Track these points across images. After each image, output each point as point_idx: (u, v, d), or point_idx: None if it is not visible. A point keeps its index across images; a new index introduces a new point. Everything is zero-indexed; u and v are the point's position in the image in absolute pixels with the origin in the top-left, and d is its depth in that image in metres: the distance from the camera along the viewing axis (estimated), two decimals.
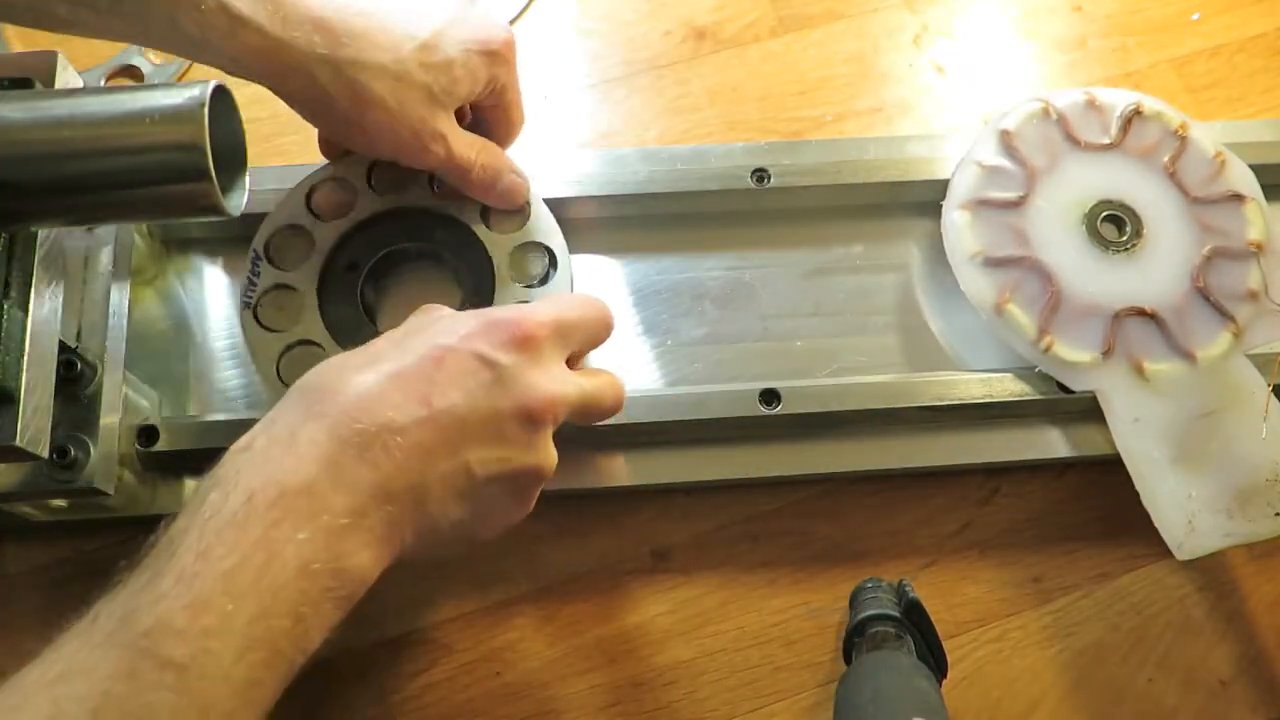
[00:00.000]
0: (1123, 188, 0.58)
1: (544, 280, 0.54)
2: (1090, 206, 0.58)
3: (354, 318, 0.53)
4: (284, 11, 0.45)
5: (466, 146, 0.52)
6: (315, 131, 0.53)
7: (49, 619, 0.52)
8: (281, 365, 0.51)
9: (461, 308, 0.47)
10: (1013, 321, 0.55)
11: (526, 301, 0.52)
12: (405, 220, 0.55)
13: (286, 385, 0.47)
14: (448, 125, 0.51)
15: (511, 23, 0.68)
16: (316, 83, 0.47)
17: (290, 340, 0.52)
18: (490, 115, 0.55)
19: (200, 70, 0.66)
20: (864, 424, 0.55)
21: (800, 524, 0.56)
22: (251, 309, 0.53)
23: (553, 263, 0.54)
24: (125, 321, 0.51)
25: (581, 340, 0.46)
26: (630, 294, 0.59)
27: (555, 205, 0.56)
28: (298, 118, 0.64)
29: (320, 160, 0.56)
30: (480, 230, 0.54)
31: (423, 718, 0.51)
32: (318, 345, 0.52)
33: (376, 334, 0.44)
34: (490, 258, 0.54)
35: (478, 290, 0.53)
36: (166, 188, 0.38)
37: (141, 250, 0.56)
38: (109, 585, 0.35)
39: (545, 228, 0.55)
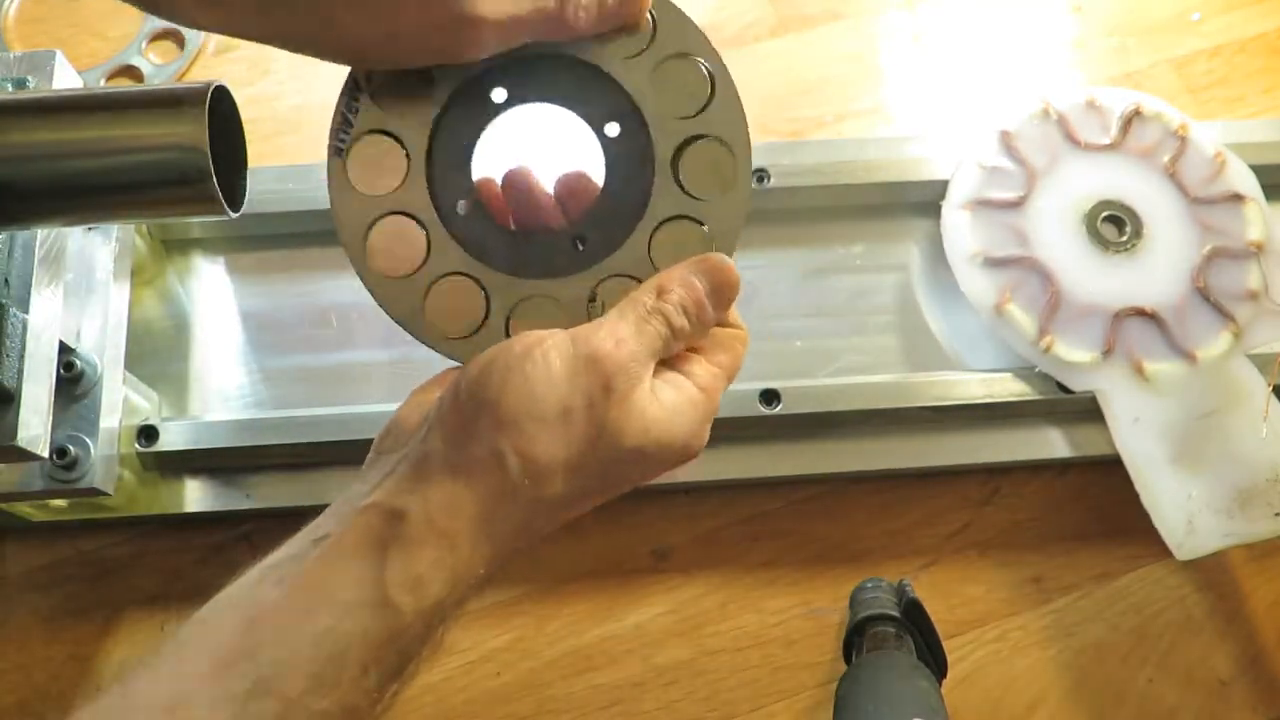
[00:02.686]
0: (1123, 188, 0.58)
1: (705, 108, 0.40)
2: (1090, 206, 0.58)
3: (465, 187, 0.41)
4: None
5: None
6: (314, 132, 0.52)
7: (49, 619, 0.52)
8: (371, 235, 0.41)
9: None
10: (1013, 321, 0.55)
11: (696, 137, 0.40)
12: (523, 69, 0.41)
13: (368, 264, 0.40)
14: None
15: None
16: None
17: (383, 210, 0.41)
18: None
19: (200, 70, 0.66)
20: (864, 424, 0.55)
21: (800, 524, 0.56)
22: (342, 156, 0.41)
23: (712, 78, 0.40)
24: (125, 321, 0.51)
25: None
26: None
27: None
28: (298, 118, 0.65)
29: None
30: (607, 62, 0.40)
31: (422, 718, 0.51)
32: (416, 219, 0.40)
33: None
34: (626, 92, 0.40)
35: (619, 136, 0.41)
36: (166, 188, 0.38)
37: (141, 250, 0.56)
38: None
39: (689, 38, 0.40)
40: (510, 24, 0.38)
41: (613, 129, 0.41)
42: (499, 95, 0.41)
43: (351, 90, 0.42)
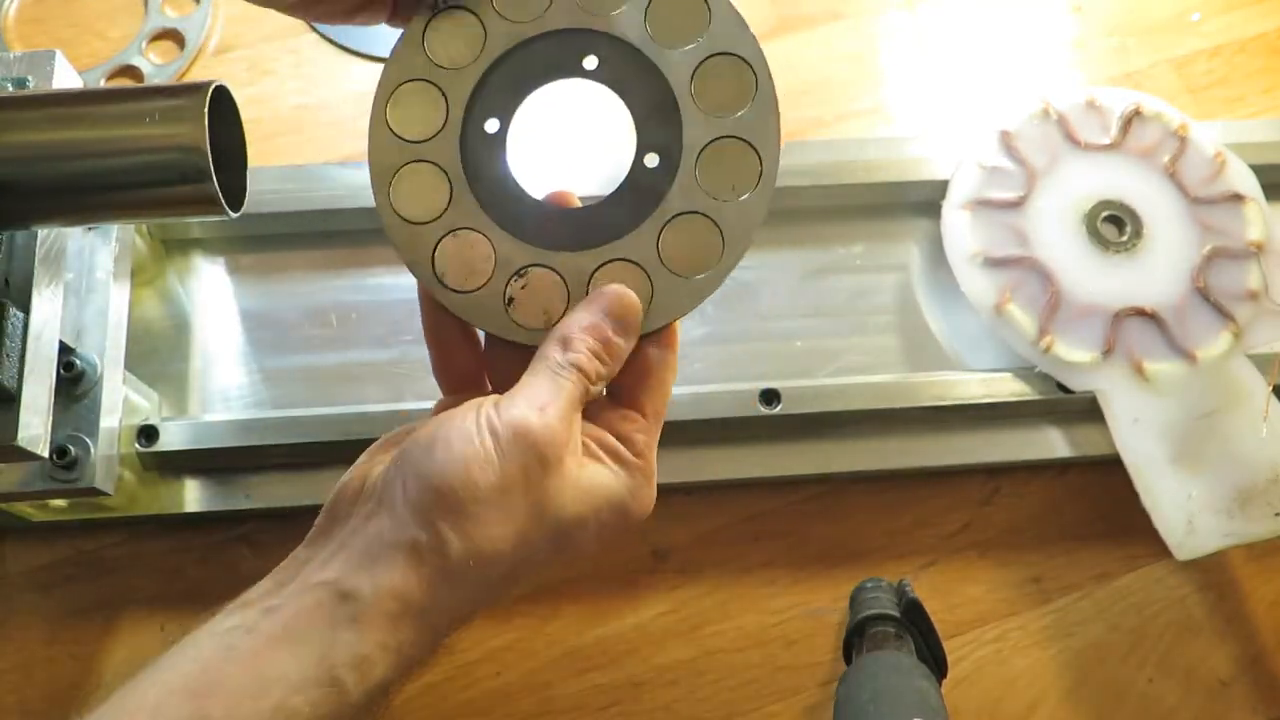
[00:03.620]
0: (1123, 188, 0.58)
1: (741, 110, 0.41)
2: (1090, 206, 0.58)
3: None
4: None
5: None
6: (314, 132, 0.53)
7: (49, 619, 0.52)
8: (396, 179, 0.41)
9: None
10: (1013, 321, 0.55)
11: (725, 137, 0.41)
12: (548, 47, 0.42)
13: (391, 205, 0.41)
14: None
15: None
16: None
17: (414, 156, 0.42)
18: None
19: (200, 70, 0.66)
20: (864, 424, 0.55)
21: (800, 524, 0.56)
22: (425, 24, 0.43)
23: (756, 82, 0.41)
24: (125, 321, 0.51)
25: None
26: None
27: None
28: (298, 117, 0.65)
29: None
30: (651, 49, 0.41)
31: (423, 718, 0.51)
32: (443, 171, 0.41)
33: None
34: (668, 83, 0.41)
35: (652, 118, 0.41)
36: (167, 188, 0.38)
37: (141, 250, 0.56)
38: None
39: (741, 39, 0.41)
40: None
41: (646, 116, 0.41)
42: (542, 66, 0.42)
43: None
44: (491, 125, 0.42)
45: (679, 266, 0.40)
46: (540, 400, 0.35)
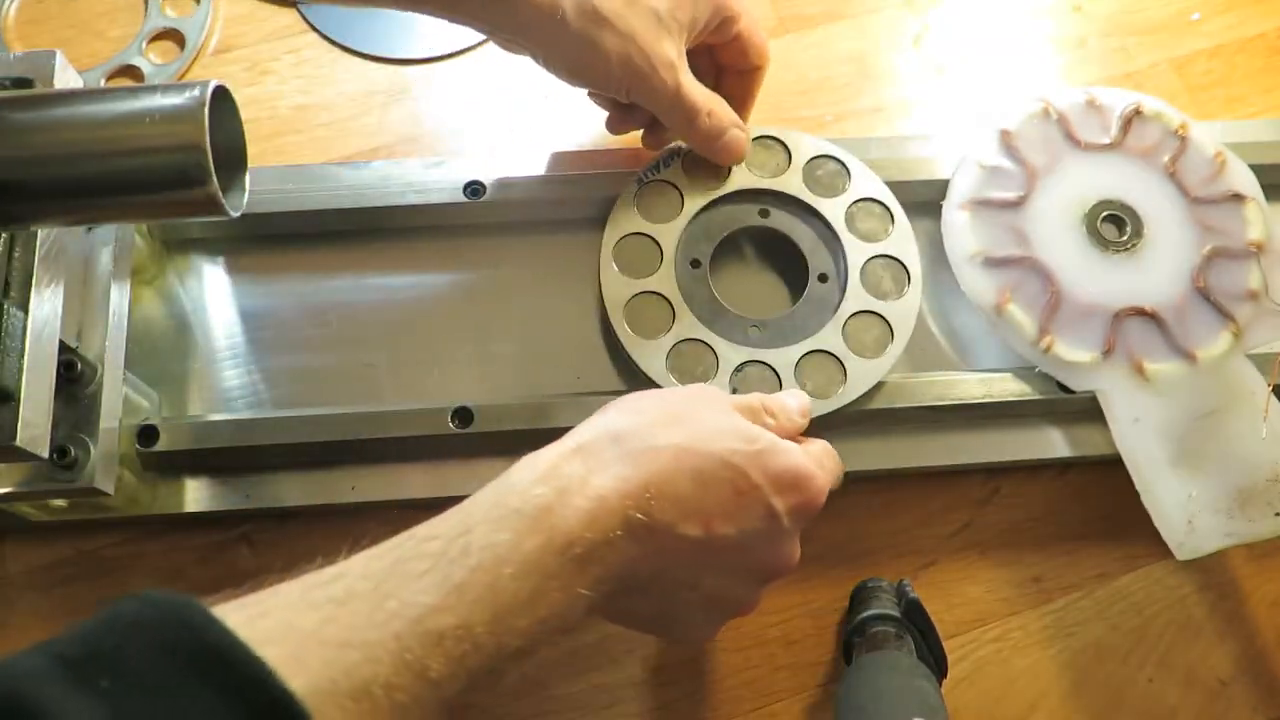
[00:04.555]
0: (1123, 188, 0.58)
1: (884, 235, 0.56)
2: (1090, 206, 0.58)
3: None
4: None
5: (697, 88, 0.53)
6: (314, 132, 0.53)
7: (49, 619, 0.52)
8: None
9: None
10: (1013, 321, 0.55)
11: (877, 255, 0.56)
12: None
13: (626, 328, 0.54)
14: (677, 55, 0.51)
15: None
16: (560, 13, 0.48)
17: (640, 290, 0.55)
18: (729, 53, 0.55)
19: (200, 70, 0.66)
20: (864, 424, 0.55)
21: None
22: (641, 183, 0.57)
23: (893, 216, 0.57)
24: (125, 321, 0.51)
25: None
26: None
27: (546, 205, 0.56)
28: (298, 117, 0.65)
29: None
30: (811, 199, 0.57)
31: None
32: (663, 298, 0.54)
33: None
34: (828, 221, 0.57)
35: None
36: (167, 188, 0.38)
37: (141, 250, 0.56)
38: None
39: (875, 186, 0.57)
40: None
41: (813, 248, 0.57)
42: (729, 217, 0.57)
43: (666, 157, 0.58)
44: (696, 263, 0.56)
45: (861, 352, 0.53)
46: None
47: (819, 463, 0.45)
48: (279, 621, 0.32)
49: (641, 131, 0.58)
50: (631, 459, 0.40)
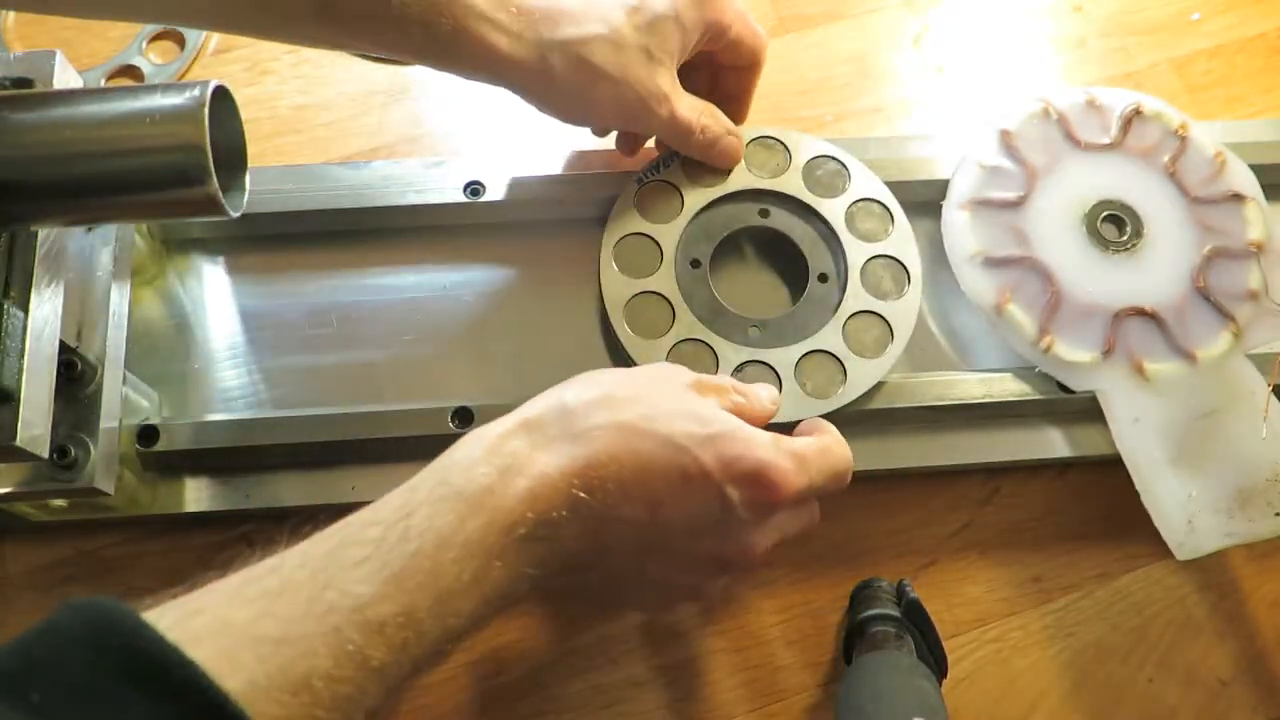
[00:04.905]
0: (1123, 188, 0.58)
1: (884, 235, 0.56)
2: (1090, 206, 0.58)
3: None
4: (516, 5, 0.48)
5: (689, 108, 0.54)
6: (314, 132, 0.53)
7: None
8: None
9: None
10: (1013, 321, 0.55)
11: (876, 255, 0.56)
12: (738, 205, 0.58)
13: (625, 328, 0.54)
14: (669, 85, 0.52)
15: None
16: (549, 69, 0.49)
17: (640, 290, 0.55)
18: (725, 55, 0.55)
19: (200, 70, 0.66)
20: (864, 424, 0.55)
21: None
22: (641, 183, 0.57)
23: (893, 216, 0.57)
24: (125, 321, 0.51)
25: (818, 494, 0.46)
26: None
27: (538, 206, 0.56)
28: (298, 117, 0.65)
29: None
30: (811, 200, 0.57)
31: (423, 717, 0.51)
32: (663, 298, 0.55)
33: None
34: (828, 221, 0.57)
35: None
36: (167, 188, 0.38)
37: (141, 250, 0.56)
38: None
39: (874, 187, 0.58)
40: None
41: (812, 247, 0.57)
42: (729, 217, 0.57)
43: (666, 158, 0.57)
44: (696, 263, 0.56)
45: (861, 352, 0.53)
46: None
47: (798, 459, 0.42)
48: (213, 619, 0.31)
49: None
50: (577, 437, 0.39)
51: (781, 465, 0.41)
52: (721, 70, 0.57)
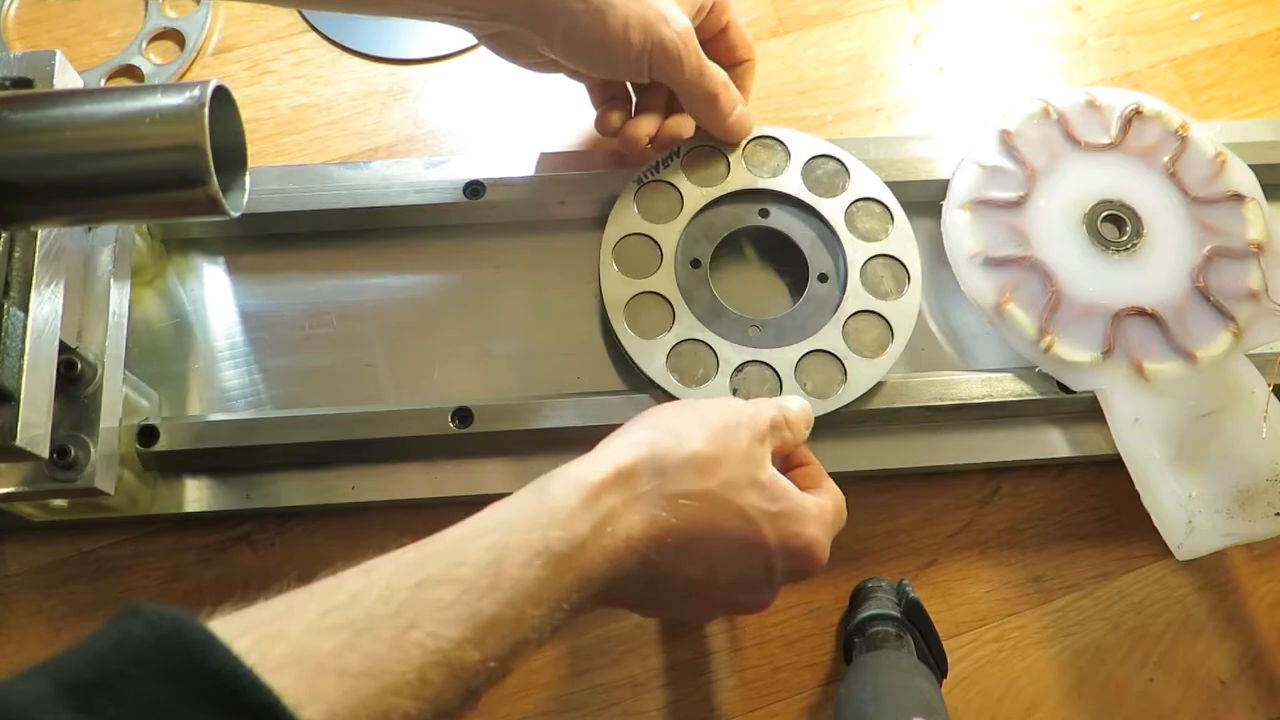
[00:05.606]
0: (1123, 188, 0.58)
1: (884, 235, 0.56)
2: (1090, 206, 0.58)
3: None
4: None
5: (715, 66, 0.53)
6: (314, 132, 0.52)
7: (49, 619, 0.52)
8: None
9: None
10: (1013, 321, 0.55)
11: (876, 255, 0.56)
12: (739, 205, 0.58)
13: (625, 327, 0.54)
14: (690, 27, 0.51)
15: None
16: None
17: (640, 290, 0.55)
18: (718, 48, 0.55)
19: (200, 70, 0.66)
20: (864, 424, 0.55)
21: None
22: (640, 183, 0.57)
23: (890, 218, 0.57)
24: (125, 321, 0.51)
25: None
26: None
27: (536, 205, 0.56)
28: (298, 117, 0.65)
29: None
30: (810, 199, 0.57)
31: None
32: (663, 298, 0.54)
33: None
34: (827, 221, 0.57)
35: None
36: (167, 188, 0.38)
37: (141, 250, 0.56)
38: None
39: (874, 186, 0.57)
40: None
41: (812, 247, 0.57)
42: (729, 217, 0.57)
43: (669, 155, 0.57)
44: (696, 263, 0.55)
45: (861, 352, 0.53)
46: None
47: (831, 525, 0.45)
48: (293, 646, 0.31)
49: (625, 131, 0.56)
50: (666, 502, 0.40)
51: (823, 541, 0.44)
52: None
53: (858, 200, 0.57)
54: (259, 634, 0.30)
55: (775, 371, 0.53)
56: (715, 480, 0.41)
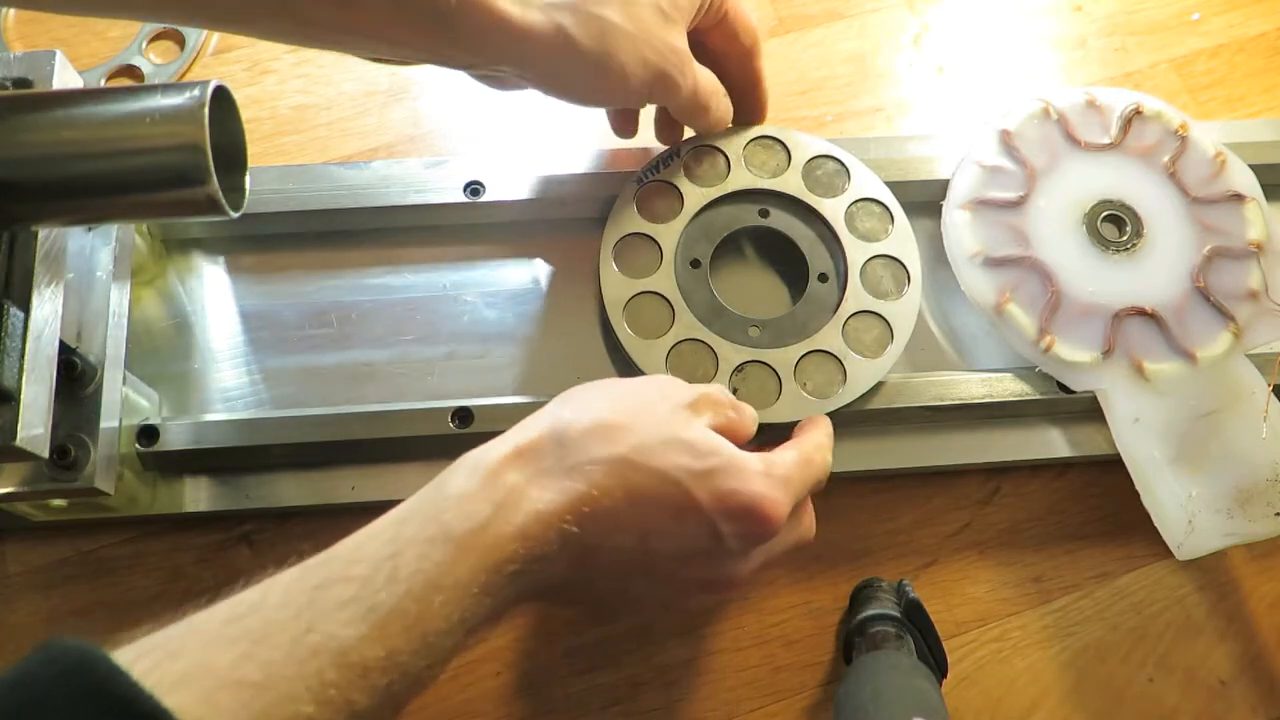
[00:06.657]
0: (1123, 188, 0.58)
1: (884, 235, 0.56)
2: (1090, 206, 0.58)
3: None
4: None
5: (702, 75, 0.52)
6: (314, 132, 0.52)
7: (49, 619, 0.52)
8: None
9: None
10: (1013, 321, 0.55)
11: (877, 255, 0.56)
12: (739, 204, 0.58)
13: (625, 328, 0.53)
14: (685, 48, 0.50)
15: None
16: (565, 33, 0.45)
17: (640, 290, 0.55)
18: (719, 37, 0.54)
19: (200, 70, 0.66)
20: (864, 424, 0.55)
21: None
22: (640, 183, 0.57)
23: (893, 216, 0.57)
24: (125, 321, 0.51)
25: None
26: None
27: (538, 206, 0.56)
28: (298, 117, 0.65)
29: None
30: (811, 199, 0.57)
31: (423, 717, 0.51)
32: (663, 298, 0.54)
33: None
34: (827, 221, 0.57)
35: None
36: (167, 188, 0.38)
37: (141, 250, 0.56)
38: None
39: (874, 187, 0.58)
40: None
41: (811, 247, 0.57)
42: (729, 217, 0.57)
43: (668, 154, 0.57)
44: (696, 263, 0.55)
45: (861, 352, 0.53)
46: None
47: (783, 482, 0.42)
48: (192, 662, 0.30)
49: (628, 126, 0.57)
50: (571, 471, 0.39)
51: (772, 497, 0.41)
52: (723, 59, 0.55)
53: (858, 200, 0.57)
54: (160, 654, 0.30)
55: (775, 371, 0.53)
56: (625, 445, 0.39)
